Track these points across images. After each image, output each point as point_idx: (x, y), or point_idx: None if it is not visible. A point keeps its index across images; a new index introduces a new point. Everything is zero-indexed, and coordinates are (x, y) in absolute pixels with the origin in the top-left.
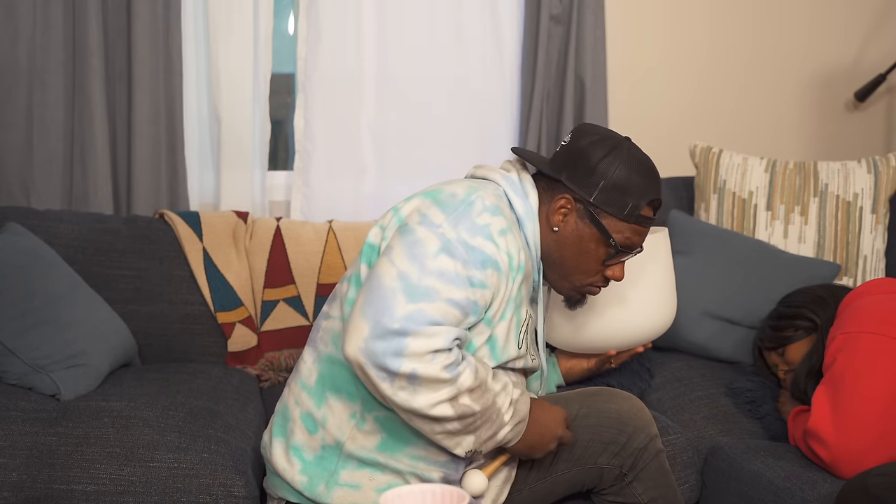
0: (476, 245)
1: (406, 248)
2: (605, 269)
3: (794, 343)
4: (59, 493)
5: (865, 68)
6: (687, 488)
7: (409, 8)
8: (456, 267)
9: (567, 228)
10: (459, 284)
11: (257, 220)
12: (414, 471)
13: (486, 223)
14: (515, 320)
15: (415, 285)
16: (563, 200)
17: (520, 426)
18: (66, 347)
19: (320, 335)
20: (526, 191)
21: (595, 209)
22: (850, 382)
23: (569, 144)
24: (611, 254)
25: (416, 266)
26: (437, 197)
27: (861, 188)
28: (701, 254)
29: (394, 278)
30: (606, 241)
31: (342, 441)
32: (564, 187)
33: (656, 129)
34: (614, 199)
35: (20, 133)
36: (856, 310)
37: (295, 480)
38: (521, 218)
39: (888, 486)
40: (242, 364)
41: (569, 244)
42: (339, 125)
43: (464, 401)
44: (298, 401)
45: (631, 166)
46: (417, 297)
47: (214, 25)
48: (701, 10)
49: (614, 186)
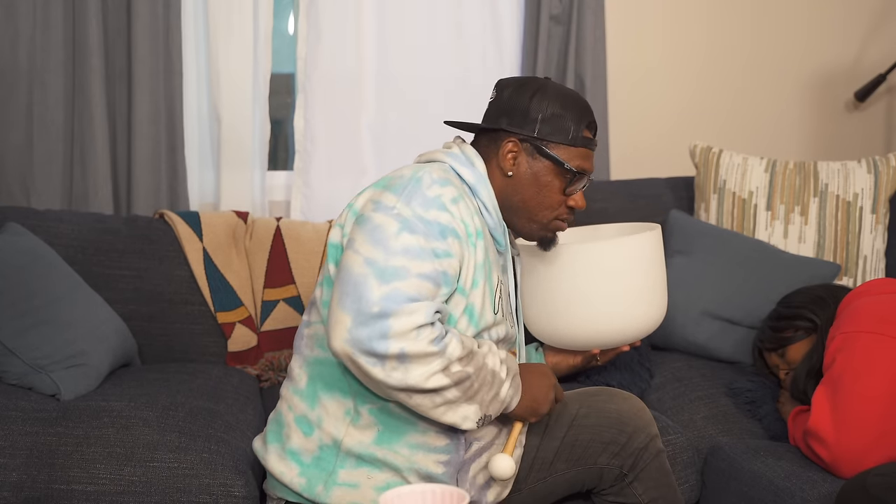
0: (431, 217)
1: (367, 235)
2: (566, 199)
3: (795, 344)
4: (59, 493)
5: (865, 68)
6: (687, 488)
7: (409, 8)
8: (419, 242)
9: (520, 170)
10: (426, 258)
11: (257, 220)
12: (413, 465)
13: (437, 194)
14: (488, 287)
15: (384, 267)
16: (510, 144)
17: (516, 380)
18: (66, 347)
19: (304, 342)
20: (471, 159)
21: (542, 142)
22: (849, 382)
23: (495, 100)
24: (568, 180)
25: (380, 249)
26: (386, 183)
27: (861, 188)
28: (701, 254)
29: (362, 265)
30: (561, 168)
31: (339, 439)
32: (507, 133)
33: (656, 129)
34: (556, 127)
35: (20, 133)
36: (855, 310)
37: (293, 483)
38: (473, 185)
39: (887, 485)
40: (242, 364)
41: (526, 184)
42: (339, 125)
43: (455, 368)
44: (291, 406)
45: (560, 96)
46: (389, 278)
47: (214, 25)
48: (701, 11)
49: (552, 116)
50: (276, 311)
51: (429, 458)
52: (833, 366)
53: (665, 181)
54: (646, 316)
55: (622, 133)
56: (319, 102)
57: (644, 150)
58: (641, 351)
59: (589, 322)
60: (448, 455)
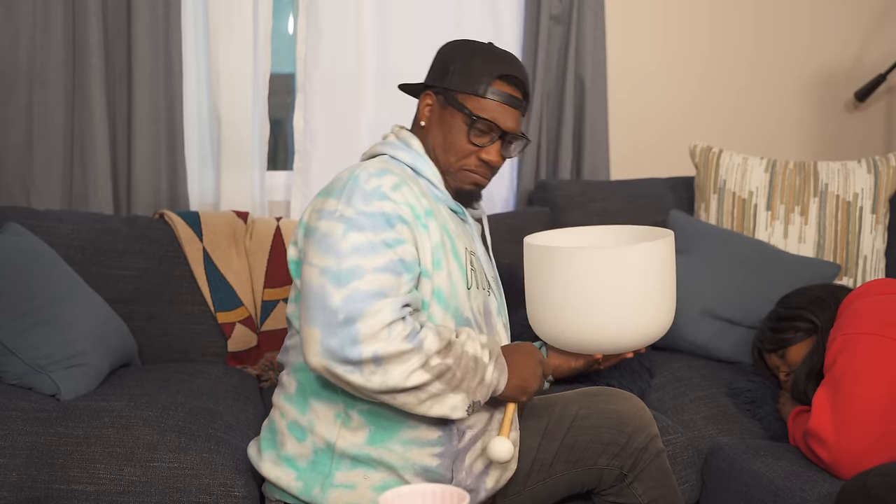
0: (374, 209)
1: (317, 245)
2: (477, 150)
3: (795, 345)
4: (59, 493)
5: (865, 68)
6: (687, 488)
7: (409, 8)
8: (367, 237)
9: (432, 119)
10: (378, 251)
11: (257, 220)
12: (408, 461)
13: (376, 186)
14: (455, 263)
15: (338, 272)
16: (426, 97)
17: (500, 361)
18: (66, 347)
19: (290, 353)
20: (406, 141)
21: (451, 93)
22: (849, 383)
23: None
24: (470, 123)
25: (331, 256)
26: (327, 190)
27: (861, 188)
28: (701, 254)
29: (318, 276)
30: (465, 115)
31: (332, 442)
32: (425, 88)
33: (656, 129)
34: (465, 79)
35: (20, 133)
36: (855, 311)
37: (290, 486)
38: (413, 165)
39: (888, 486)
40: (242, 364)
41: (436, 131)
42: (338, 125)
43: (434, 362)
44: (283, 413)
45: (480, 52)
46: (345, 280)
47: (214, 25)
48: (701, 11)
49: (463, 68)
50: (276, 311)
51: (423, 453)
52: (834, 367)
53: (665, 181)
54: (653, 323)
55: (622, 133)
56: (319, 102)
57: (644, 150)
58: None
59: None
60: (442, 447)
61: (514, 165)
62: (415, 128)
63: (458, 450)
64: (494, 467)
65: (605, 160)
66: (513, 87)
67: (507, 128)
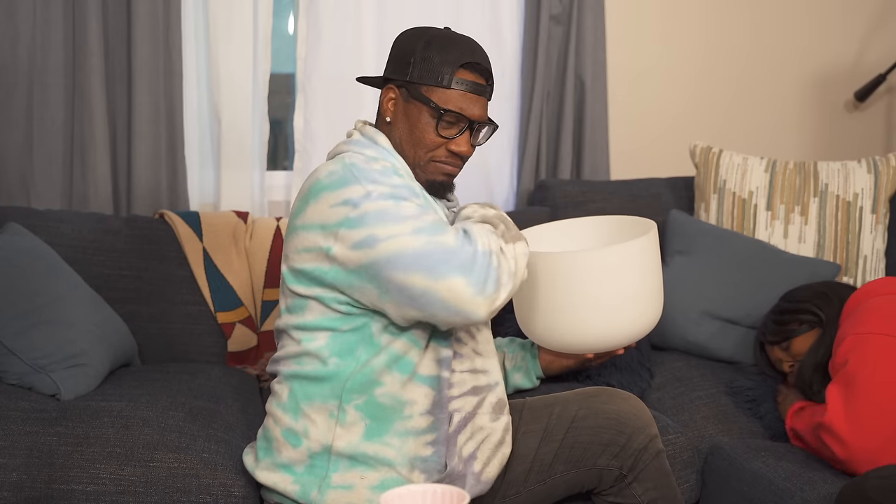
0: (399, 182)
1: (383, 222)
2: (447, 142)
3: (799, 336)
4: (59, 493)
5: (865, 68)
6: (687, 488)
7: (408, 8)
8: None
9: (397, 115)
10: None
11: (257, 220)
12: (405, 454)
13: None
14: None
15: (429, 225)
16: (389, 91)
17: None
18: (66, 347)
19: (281, 364)
20: (372, 138)
21: (414, 86)
22: (862, 382)
23: (389, 52)
24: (437, 116)
25: (409, 220)
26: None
27: (861, 188)
28: (701, 254)
29: (414, 237)
30: (430, 108)
31: (329, 444)
32: (387, 81)
33: (656, 129)
34: (427, 70)
35: (20, 133)
36: (865, 311)
37: (288, 490)
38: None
39: (886, 489)
40: (242, 364)
41: (402, 126)
42: (339, 125)
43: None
44: (277, 420)
45: (439, 40)
46: (440, 228)
47: (214, 25)
48: (701, 10)
49: (424, 59)
50: (276, 310)
51: (418, 443)
52: (846, 366)
53: (665, 181)
54: (640, 320)
55: (622, 133)
56: (319, 102)
57: (644, 150)
58: (642, 351)
59: (582, 327)
60: (434, 434)
61: (514, 165)
62: (380, 123)
63: (448, 434)
64: (482, 451)
65: (605, 160)
66: (476, 75)
67: (474, 116)
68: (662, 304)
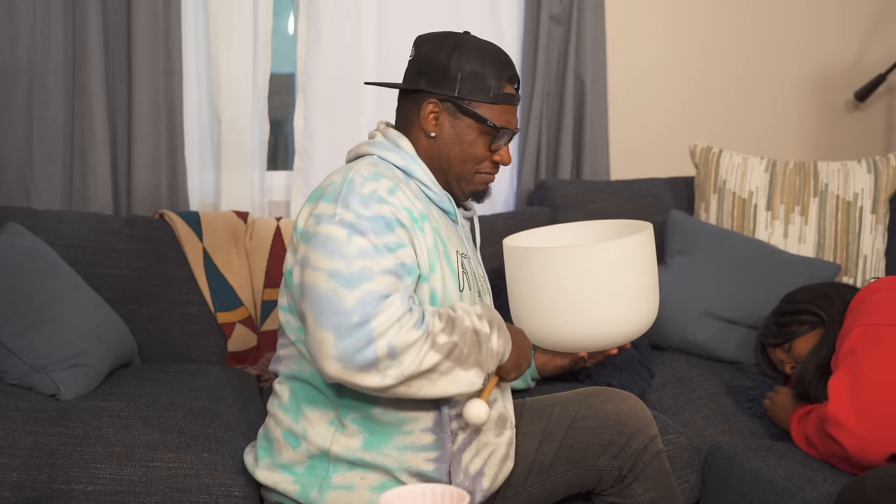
0: (373, 213)
1: (320, 249)
2: (492, 155)
3: (801, 337)
4: (59, 493)
5: (865, 68)
6: (687, 488)
7: (409, 8)
8: (370, 241)
9: (443, 130)
10: (383, 253)
11: (257, 220)
12: (403, 464)
13: (372, 189)
14: (448, 266)
15: (348, 274)
16: (431, 105)
17: (503, 331)
18: (66, 347)
19: (282, 363)
20: (395, 142)
21: (463, 101)
22: (869, 371)
23: (415, 57)
24: (493, 136)
25: (338, 259)
26: (319, 194)
27: (861, 188)
28: (701, 254)
29: (327, 280)
30: (485, 126)
31: (327, 448)
32: (427, 94)
33: (656, 129)
34: (476, 86)
35: (20, 133)
36: (874, 304)
37: (288, 490)
38: (405, 167)
39: (886, 488)
40: (242, 364)
41: (450, 143)
42: (338, 125)
43: (442, 340)
44: (278, 421)
45: (479, 53)
46: (357, 282)
47: (214, 25)
48: (701, 10)
49: (472, 74)
50: (276, 310)
51: (418, 458)
52: (853, 356)
53: (665, 181)
54: (635, 319)
55: (622, 133)
56: (319, 102)
57: (644, 150)
58: (642, 350)
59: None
60: (437, 451)
61: (515, 165)
62: (410, 131)
63: (452, 452)
64: (489, 467)
65: (605, 160)
66: (515, 87)
67: (515, 127)
68: (658, 305)
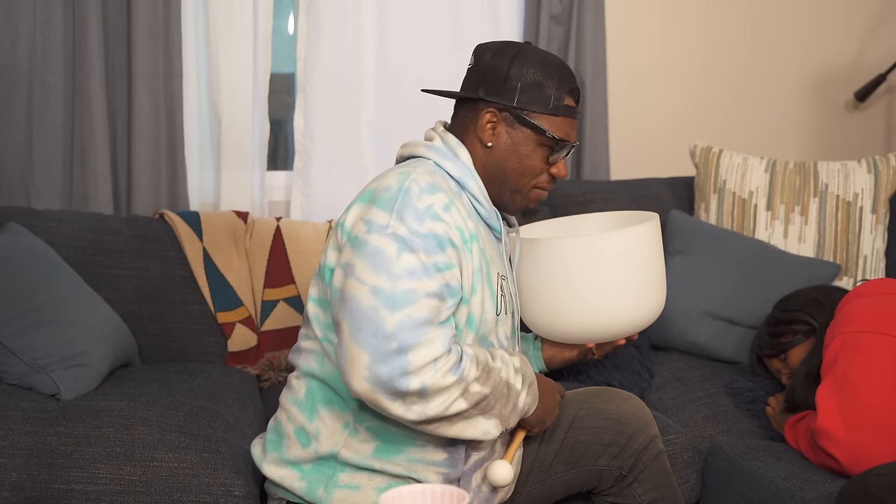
0: (427, 230)
1: (367, 261)
2: (549, 168)
3: (795, 347)
4: (59, 493)
5: (865, 68)
6: (687, 488)
7: (408, 8)
8: (420, 260)
9: (500, 141)
10: (430, 274)
11: (257, 220)
12: (412, 474)
13: (429, 204)
14: (489, 290)
15: (391, 294)
16: (489, 115)
17: (533, 388)
18: (66, 347)
19: (302, 356)
20: (454, 150)
21: (522, 112)
22: (853, 380)
23: (474, 65)
24: (552, 148)
25: (384, 276)
26: (373, 197)
27: (861, 188)
28: (701, 254)
29: (369, 296)
30: (543, 138)
31: (336, 450)
32: (485, 103)
33: (656, 129)
34: (536, 96)
35: (20, 133)
36: (853, 310)
37: (294, 486)
38: (460, 179)
39: (889, 486)
40: (242, 364)
41: (506, 154)
42: (339, 125)
43: (474, 389)
44: (290, 416)
45: (540, 63)
46: (399, 305)
47: (214, 25)
48: (700, 10)
49: (532, 85)
50: (276, 310)
51: (428, 471)
52: (836, 366)
53: (665, 181)
54: (642, 309)
55: (622, 133)
56: (319, 102)
57: (644, 150)
58: (642, 350)
59: (582, 315)
60: (448, 469)
61: None
62: (466, 139)
63: (462, 472)
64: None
65: (605, 160)
66: (575, 99)
67: (575, 141)
68: (665, 295)
